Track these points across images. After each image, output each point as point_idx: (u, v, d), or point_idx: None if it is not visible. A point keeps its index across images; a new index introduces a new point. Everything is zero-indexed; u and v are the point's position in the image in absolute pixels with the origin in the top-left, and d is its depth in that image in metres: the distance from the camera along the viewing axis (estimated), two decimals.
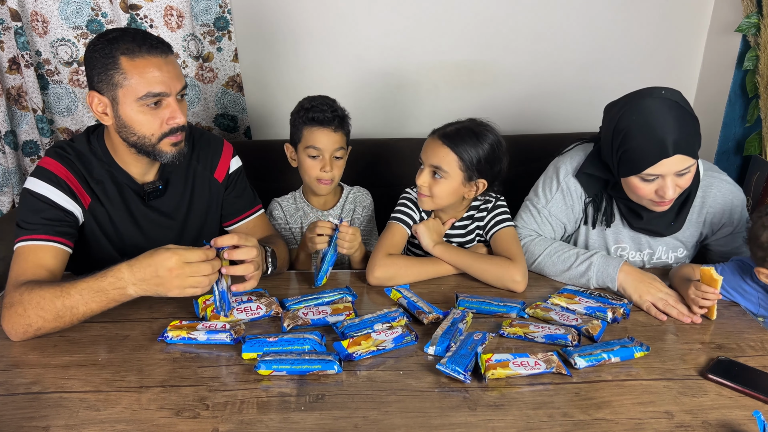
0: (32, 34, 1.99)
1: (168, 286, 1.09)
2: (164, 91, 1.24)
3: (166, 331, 1.17)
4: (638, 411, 0.99)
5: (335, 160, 1.64)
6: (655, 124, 1.28)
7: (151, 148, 1.29)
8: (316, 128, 1.61)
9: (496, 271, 1.41)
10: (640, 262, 1.55)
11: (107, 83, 1.24)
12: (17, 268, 1.23)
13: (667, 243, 1.52)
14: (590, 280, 1.40)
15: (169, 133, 1.28)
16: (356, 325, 1.20)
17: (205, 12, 2.05)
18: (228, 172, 1.52)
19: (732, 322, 1.27)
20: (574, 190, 1.51)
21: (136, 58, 1.22)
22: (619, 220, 1.52)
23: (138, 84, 1.22)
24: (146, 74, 1.22)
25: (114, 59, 1.22)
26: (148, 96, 1.23)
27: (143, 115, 1.25)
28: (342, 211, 1.77)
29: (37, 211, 1.27)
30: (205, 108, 2.18)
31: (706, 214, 1.49)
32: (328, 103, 1.63)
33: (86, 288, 1.13)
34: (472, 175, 1.46)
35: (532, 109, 2.33)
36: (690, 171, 1.32)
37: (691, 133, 1.30)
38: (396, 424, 0.95)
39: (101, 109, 1.27)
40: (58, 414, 0.97)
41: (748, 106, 2.08)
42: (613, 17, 2.20)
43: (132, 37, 1.23)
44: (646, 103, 1.31)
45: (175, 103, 1.27)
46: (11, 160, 2.05)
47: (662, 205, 1.37)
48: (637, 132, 1.30)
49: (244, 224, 1.55)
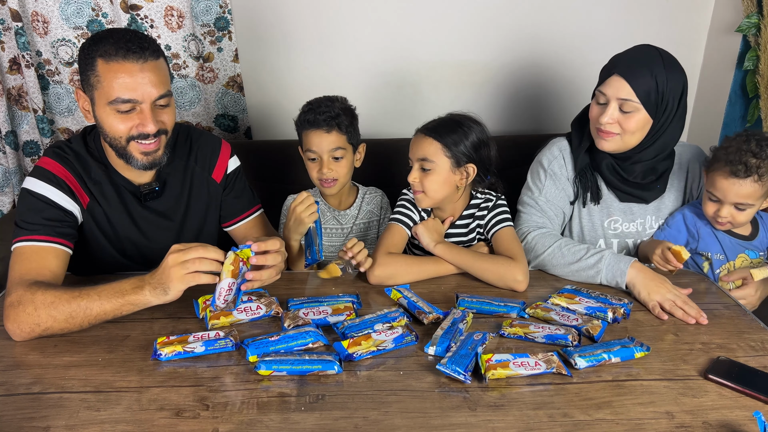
0: (33, 35, 1.99)
1: (168, 272, 1.08)
2: (134, 98, 1.22)
3: (156, 349, 1.11)
4: (638, 411, 0.99)
5: (334, 161, 1.63)
6: (619, 54, 1.46)
7: (122, 150, 1.29)
8: (311, 131, 1.62)
9: (498, 270, 1.41)
10: (634, 233, 1.59)
11: (86, 83, 1.25)
12: (20, 267, 1.23)
13: (656, 211, 1.58)
14: (599, 272, 1.40)
15: (137, 137, 1.27)
16: (356, 325, 1.20)
17: (206, 12, 2.05)
18: (226, 172, 1.51)
19: (732, 322, 1.27)
20: (560, 174, 1.58)
21: (110, 61, 1.21)
22: (607, 195, 1.58)
23: (109, 88, 1.22)
24: (117, 79, 1.21)
25: (92, 60, 1.22)
26: (117, 101, 1.22)
27: (113, 118, 1.25)
28: (359, 212, 1.77)
29: (37, 211, 1.27)
30: (206, 108, 2.18)
31: (685, 178, 1.59)
32: (326, 104, 1.62)
33: (107, 288, 1.14)
34: (459, 160, 1.48)
35: (532, 109, 2.33)
36: (636, 112, 1.41)
37: (643, 69, 1.39)
38: (396, 424, 0.95)
39: (86, 107, 1.29)
40: (59, 414, 0.97)
41: (749, 107, 2.08)
42: (613, 17, 2.20)
43: (114, 40, 1.21)
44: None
45: (148, 110, 1.25)
46: (12, 160, 2.05)
47: (605, 136, 1.46)
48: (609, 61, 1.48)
49: (243, 225, 1.55)
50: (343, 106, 1.65)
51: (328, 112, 1.60)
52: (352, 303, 1.30)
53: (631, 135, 1.44)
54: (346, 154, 1.65)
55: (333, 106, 1.62)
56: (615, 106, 1.42)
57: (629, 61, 1.42)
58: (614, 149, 1.48)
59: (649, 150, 1.49)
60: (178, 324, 1.24)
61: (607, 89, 1.43)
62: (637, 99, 1.40)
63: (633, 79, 1.39)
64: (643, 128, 1.44)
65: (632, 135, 1.44)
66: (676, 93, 1.43)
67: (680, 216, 1.56)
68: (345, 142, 1.64)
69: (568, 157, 1.58)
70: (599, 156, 1.53)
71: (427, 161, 1.47)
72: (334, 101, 1.65)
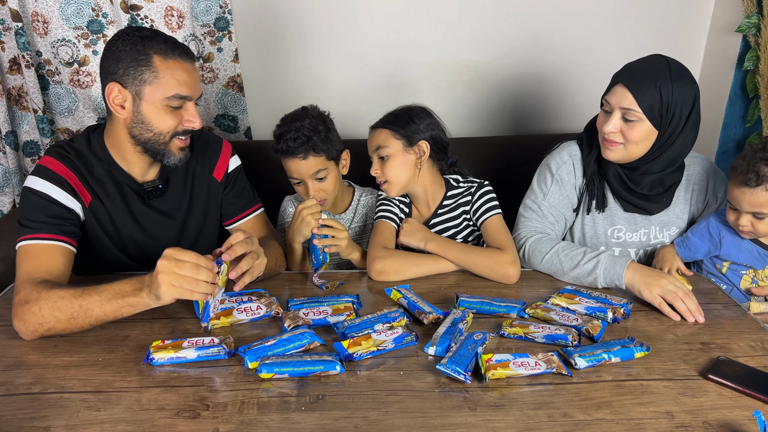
0: (33, 35, 1.99)
1: (158, 279, 1.06)
2: (190, 94, 1.30)
3: (150, 353, 1.10)
4: (638, 411, 0.99)
5: (318, 181, 1.58)
6: (628, 64, 1.44)
7: (162, 146, 1.31)
8: (287, 159, 1.57)
9: (488, 263, 1.42)
10: (638, 243, 1.57)
11: (134, 77, 1.25)
12: (27, 266, 1.23)
13: (660, 222, 1.56)
14: (597, 278, 1.40)
15: (182, 133, 1.32)
16: (357, 325, 1.20)
17: (206, 12, 2.05)
18: (227, 171, 1.52)
19: (732, 322, 1.27)
20: (567, 180, 1.56)
21: (169, 59, 1.26)
22: (612, 204, 1.56)
23: (168, 83, 1.26)
24: (177, 76, 1.27)
25: (147, 56, 1.24)
26: (175, 97, 1.27)
27: (164, 113, 1.28)
28: (354, 215, 1.76)
29: (40, 209, 1.28)
30: (206, 108, 2.18)
31: (692, 191, 1.56)
32: (294, 127, 1.53)
33: (108, 289, 1.14)
34: (411, 140, 1.54)
35: (531, 109, 2.33)
36: (640, 122, 1.39)
37: (647, 79, 1.37)
38: (396, 424, 0.95)
39: (119, 102, 1.28)
40: (59, 414, 0.97)
41: (749, 107, 2.08)
42: (613, 17, 2.20)
43: (164, 40, 1.27)
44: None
45: (194, 107, 1.31)
46: (12, 160, 2.05)
47: (609, 145, 1.44)
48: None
49: (243, 223, 1.55)
50: (312, 124, 1.55)
51: (299, 138, 1.52)
52: (352, 303, 1.30)
53: (635, 145, 1.42)
54: (329, 171, 1.59)
55: (302, 128, 1.53)
56: (618, 115, 1.41)
57: (635, 71, 1.40)
58: (618, 159, 1.46)
59: (657, 161, 1.46)
60: (178, 324, 1.24)
61: (611, 97, 1.42)
62: (640, 109, 1.38)
63: (636, 89, 1.37)
64: (648, 139, 1.42)
65: (636, 145, 1.42)
66: (685, 105, 1.39)
67: (705, 223, 1.52)
68: (324, 161, 1.57)
69: (578, 163, 1.56)
70: (608, 164, 1.51)
71: (381, 148, 1.54)
72: (302, 119, 1.56)
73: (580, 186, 1.57)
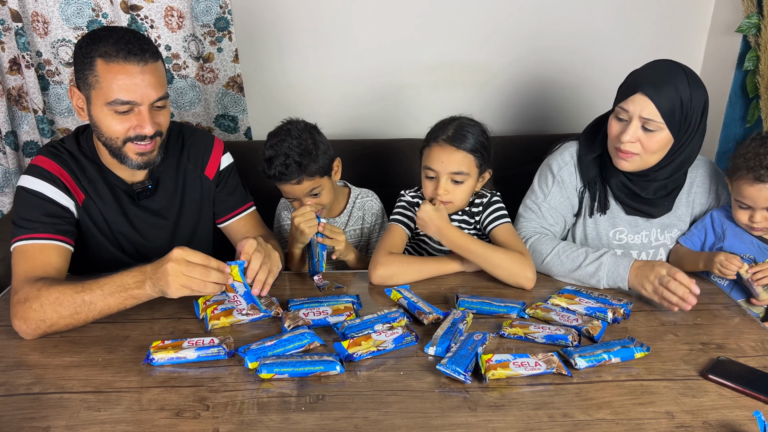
0: (33, 35, 1.99)
1: (167, 279, 1.08)
2: (134, 100, 1.22)
3: (150, 353, 1.10)
4: (638, 411, 0.99)
5: (314, 196, 1.56)
6: (641, 70, 1.41)
7: (117, 150, 1.29)
8: (280, 183, 1.55)
9: (510, 266, 1.40)
10: (640, 244, 1.57)
11: (83, 81, 1.24)
12: (23, 265, 1.22)
13: (662, 224, 1.56)
14: (600, 280, 1.39)
15: (134, 138, 1.26)
16: (357, 325, 1.20)
17: (206, 12, 2.05)
18: (219, 168, 1.51)
19: (732, 322, 1.27)
20: (569, 182, 1.55)
21: (111, 62, 1.20)
22: (614, 206, 1.55)
23: (108, 89, 1.21)
24: (118, 81, 1.20)
25: (91, 60, 1.21)
26: (116, 102, 1.22)
27: (110, 119, 1.24)
28: (349, 218, 1.73)
29: (34, 208, 1.27)
30: (206, 108, 2.18)
31: (694, 194, 1.55)
32: (283, 152, 1.49)
33: (109, 282, 1.14)
34: (483, 168, 1.51)
35: (531, 109, 2.33)
36: (659, 131, 1.37)
37: (668, 87, 1.35)
38: (396, 424, 0.95)
39: (80, 105, 1.28)
40: (59, 414, 0.97)
41: (749, 107, 2.08)
42: (613, 18, 2.20)
43: (114, 40, 1.21)
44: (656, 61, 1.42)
45: (146, 112, 1.25)
46: (12, 160, 2.05)
47: (624, 156, 1.41)
48: (629, 76, 1.43)
49: (235, 221, 1.54)
50: (301, 145, 1.50)
51: (290, 165, 1.48)
52: (352, 303, 1.30)
53: (651, 155, 1.40)
54: (323, 186, 1.56)
55: (291, 152, 1.48)
56: (637, 124, 1.37)
57: (655, 78, 1.36)
58: (634, 169, 1.45)
59: (666, 169, 1.45)
60: (178, 324, 1.24)
61: (629, 106, 1.37)
62: (661, 119, 1.35)
63: (658, 97, 1.34)
64: (665, 148, 1.40)
65: (653, 155, 1.40)
66: (699, 110, 1.39)
67: (708, 219, 1.53)
68: (317, 180, 1.54)
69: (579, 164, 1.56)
70: (611, 170, 1.50)
71: (462, 174, 1.47)
72: (290, 138, 1.51)
73: (581, 188, 1.56)
